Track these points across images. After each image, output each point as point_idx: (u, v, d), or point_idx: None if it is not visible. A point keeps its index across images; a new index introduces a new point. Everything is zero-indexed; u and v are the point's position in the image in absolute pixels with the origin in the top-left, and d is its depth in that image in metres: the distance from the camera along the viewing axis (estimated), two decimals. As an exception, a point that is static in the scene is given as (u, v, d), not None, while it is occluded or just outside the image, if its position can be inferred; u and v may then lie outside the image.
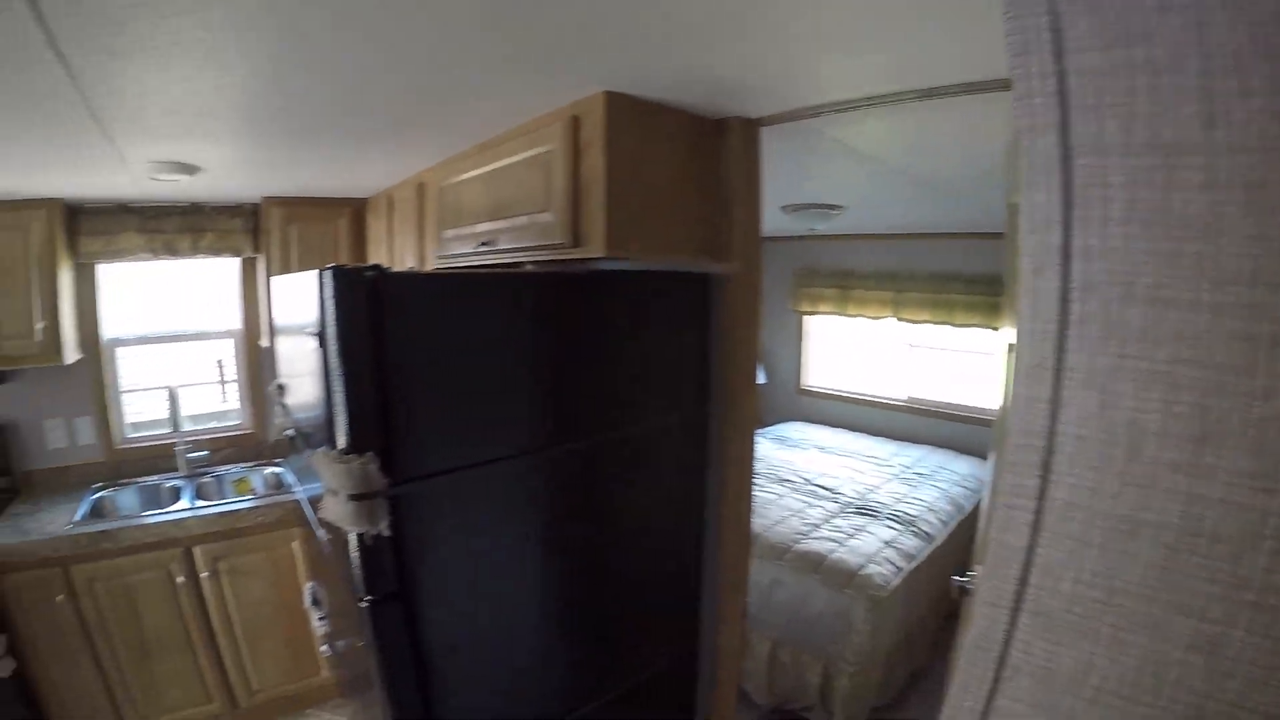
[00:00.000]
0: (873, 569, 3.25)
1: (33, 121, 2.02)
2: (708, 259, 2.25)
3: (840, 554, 3.39)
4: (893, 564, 3.35)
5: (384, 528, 1.66)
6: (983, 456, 4.61)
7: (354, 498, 1.64)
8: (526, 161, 2.07)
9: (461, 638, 1.82)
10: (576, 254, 2.01)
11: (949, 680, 2.46)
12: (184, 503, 3.49)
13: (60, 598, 3.14)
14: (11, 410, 3.68)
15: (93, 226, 3.58)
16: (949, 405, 5.52)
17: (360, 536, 1.67)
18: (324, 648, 2.54)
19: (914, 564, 3.42)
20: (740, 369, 2.33)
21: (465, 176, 2.59)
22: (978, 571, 1.74)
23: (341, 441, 1.64)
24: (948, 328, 5.25)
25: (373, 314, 1.64)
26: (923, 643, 3.63)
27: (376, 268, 1.63)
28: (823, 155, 2.66)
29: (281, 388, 2.57)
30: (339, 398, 1.63)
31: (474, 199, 2.55)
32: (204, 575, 3.29)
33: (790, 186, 3.38)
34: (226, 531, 3.33)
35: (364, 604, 1.72)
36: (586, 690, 2.14)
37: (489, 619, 1.88)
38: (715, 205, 2.24)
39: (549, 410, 1.90)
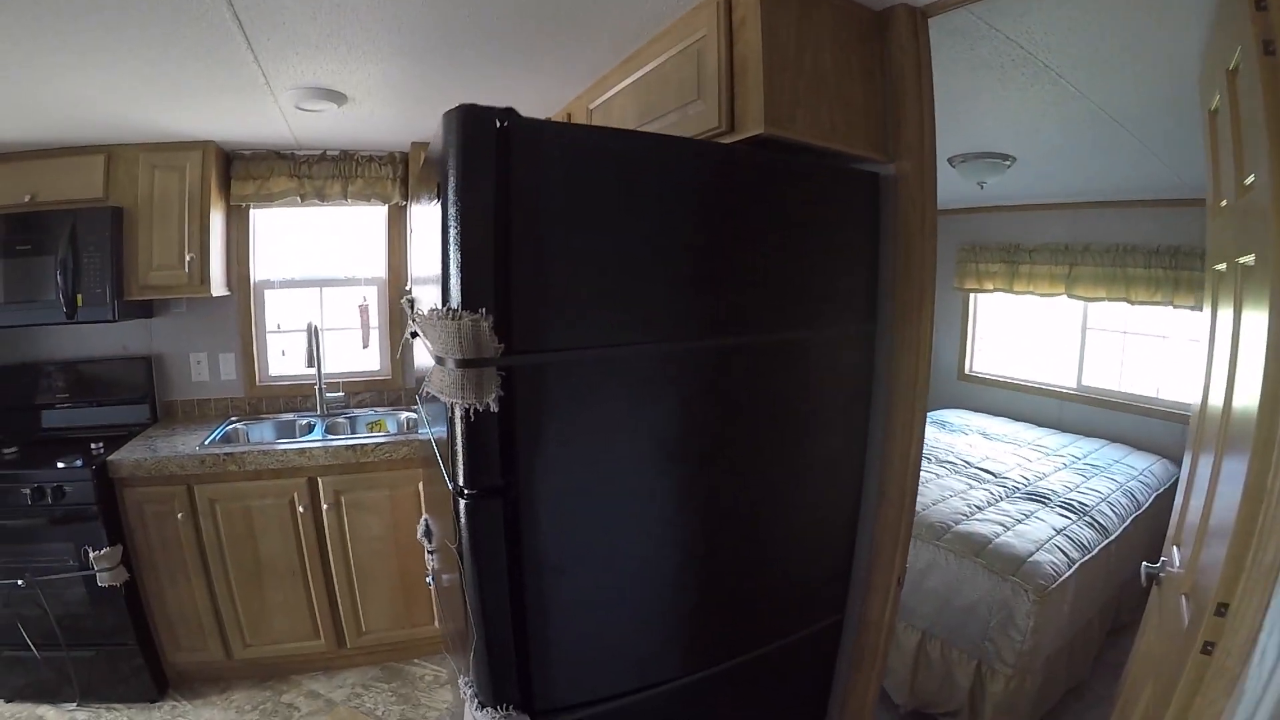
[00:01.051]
0: (1043, 557, 2.77)
1: (177, 32, 1.95)
2: (876, 156, 1.89)
3: (1006, 538, 2.92)
4: (1064, 554, 2.85)
5: (492, 401, 1.31)
6: (1166, 455, 4.16)
7: (462, 364, 1.34)
8: (675, 58, 1.88)
9: (570, 558, 1.51)
10: (732, 139, 1.73)
11: (1118, 704, 1.88)
12: (315, 436, 3.33)
13: (181, 515, 3.04)
14: (159, 343, 3.72)
15: (245, 171, 3.58)
16: (1127, 395, 4.76)
17: (466, 413, 1.34)
18: (428, 579, 2.30)
19: (1087, 556, 2.90)
20: (912, 282, 1.90)
21: (612, 92, 2.35)
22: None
23: (454, 298, 1.32)
24: (1123, 304, 4.62)
25: (500, 160, 1.34)
26: (1084, 654, 3.10)
27: (510, 111, 1.34)
28: (995, 75, 2.29)
29: (411, 301, 2.30)
30: (453, 247, 1.33)
31: (621, 112, 2.29)
32: (325, 507, 3.09)
33: (957, 130, 2.94)
34: (351, 465, 3.13)
35: (462, 498, 1.42)
36: (709, 650, 1.76)
37: (605, 542, 1.55)
38: (882, 100, 1.88)
39: (696, 298, 1.56)
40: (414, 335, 2.08)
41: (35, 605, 3.04)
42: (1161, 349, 4.58)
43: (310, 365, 3.55)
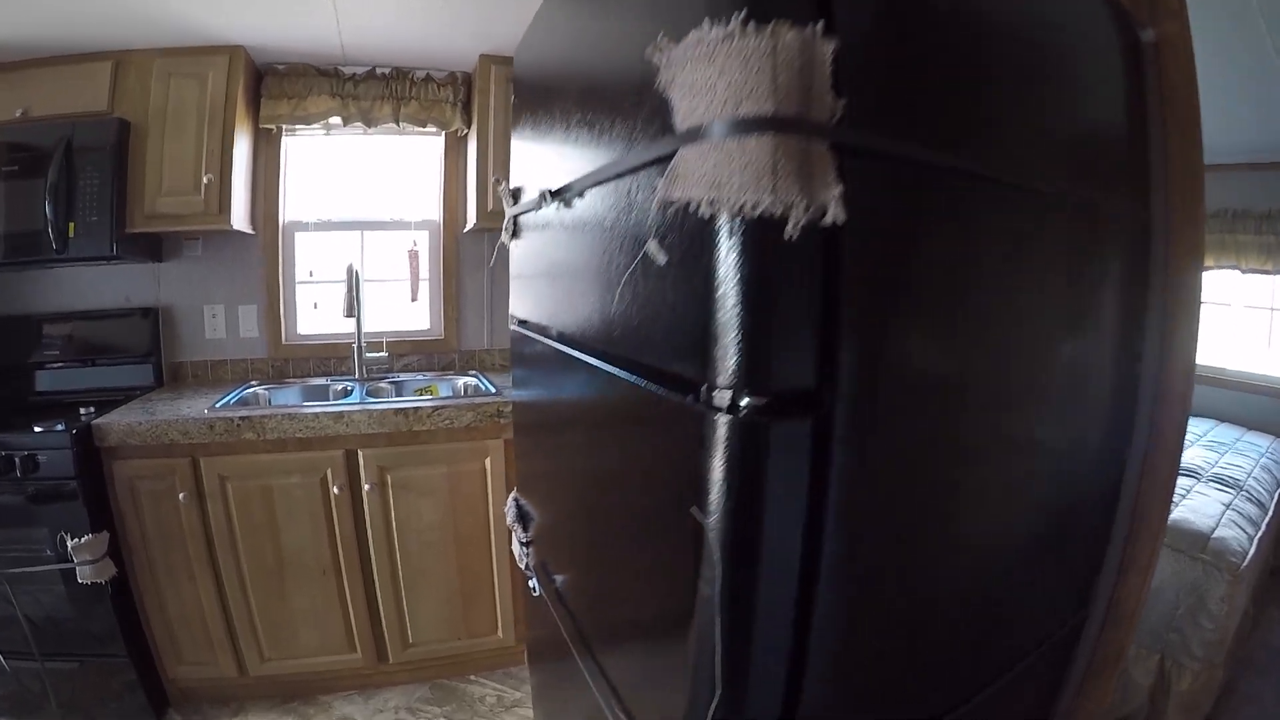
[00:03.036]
0: (1226, 533, 2.34)
1: None
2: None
3: (1182, 513, 2.46)
4: (1242, 529, 2.41)
5: (834, 204, 0.59)
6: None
7: (774, 124, 0.57)
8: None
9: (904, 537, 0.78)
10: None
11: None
12: (353, 400, 2.59)
13: (183, 495, 2.29)
14: (167, 293, 2.96)
15: (279, 89, 2.82)
16: (1232, 372, 4.24)
17: (762, 228, 0.59)
18: (532, 583, 1.56)
19: (1259, 532, 2.47)
20: (1183, 157, 1.22)
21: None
22: None
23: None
24: (1234, 272, 4.16)
25: None
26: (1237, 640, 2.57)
27: None
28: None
29: (516, 192, 1.47)
30: None
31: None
32: (366, 487, 2.34)
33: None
34: (401, 434, 2.38)
35: (729, 414, 0.63)
36: (968, 677, 1.01)
37: (956, 514, 0.85)
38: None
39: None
40: (514, 235, 1.52)
41: (3, 602, 2.30)
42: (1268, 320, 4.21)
43: (350, 315, 2.75)
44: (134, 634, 2.40)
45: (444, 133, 3.08)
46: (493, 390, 2.57)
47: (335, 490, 2.28)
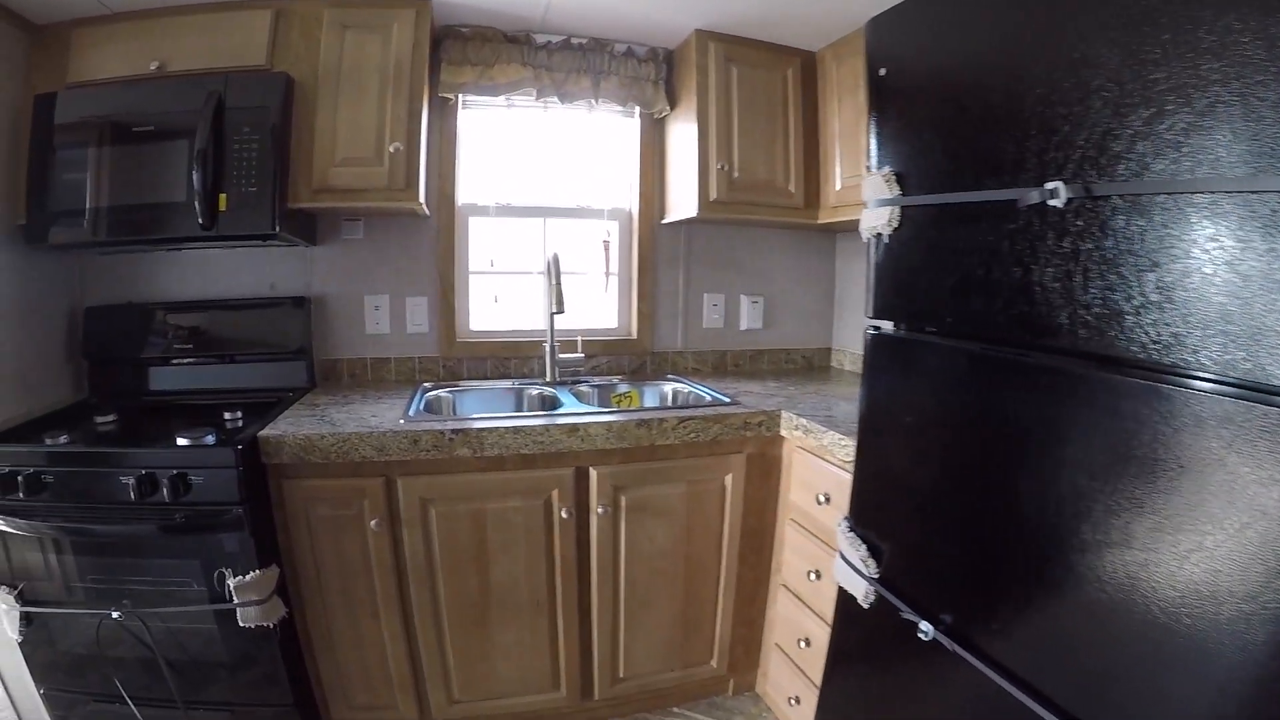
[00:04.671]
0: None
1: None
2: None
3: None
4: None
5: None
6: None
7: None
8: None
9: None
10: None
11: None
12: (572, 407, 2.06)
13: (375, 522, 1.78)
14: (321, 281, 2.42)
15: (462, 54, 2.28)
16: None
17: None
18: (924, 626, 1.23)
19: None
20: None
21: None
22: None
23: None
24: None
25: None
26: None
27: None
28: None
29: (899, 175, 1.09)
30: None
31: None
32: (600, 510, 1.83)
33: None
34: (641, 449, 1.88)
35: None
36: None
37: None
38: None
39: None
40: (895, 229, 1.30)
41: (138, 644, 1.82)
42: None
43: (559, 311, 2.24)
44: (299, 679, 1.90)
45: (640, 114, 2.55)
46: (726, 400, 2.04)
47: (563, 514, 1.77)
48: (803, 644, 1.88)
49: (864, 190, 1.38)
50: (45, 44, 2.11)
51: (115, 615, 1.81)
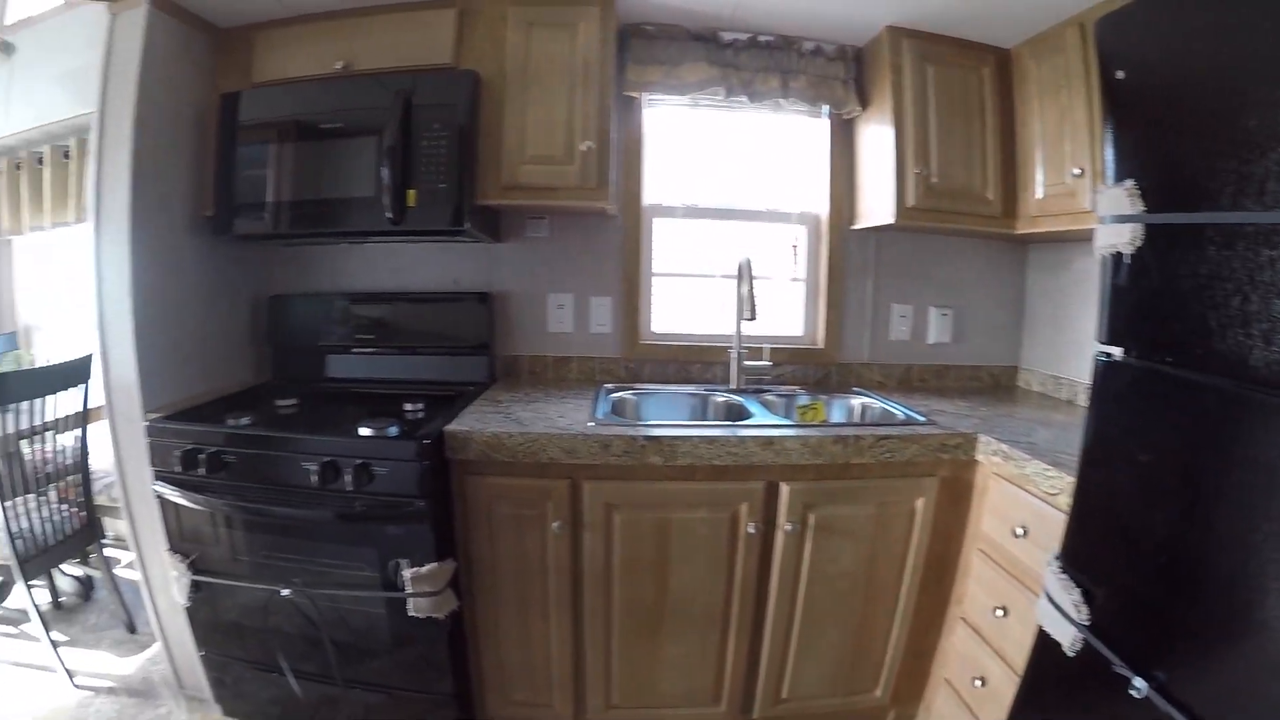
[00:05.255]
0: None
1: None
2: None
3: None
4: None
5: None
6: None
7: None
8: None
9: None
10: None
11: None
12: (763, 418, 1.93)
13: (557, 524, 1.70)
14: (503, 277, 2.41)
15: (647, 53, 2.21)
16: None
17: None
18: (1136, 683, 1.05)
19: None
20: None
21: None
22: None
23: None
24: None
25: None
26: None
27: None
28: None
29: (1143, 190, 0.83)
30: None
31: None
32: (788, 527, 1.71)
33: None
34: (834, 466, 1.75)
35: None
36: None
37: None
38: None
39: None
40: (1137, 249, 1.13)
41: (304, 621, 1.82)
42: None
43: (751, 318, 2.10)
44: (461, 669, 1.84)
45: (829, 114, 2.39)
46: (920, 419, 1.88)
47: (749, 529, 1.65)
48: (977, 682, 1.73)
49: (1099, 204, 1.22)
50: (229, 46, 2.14)
51: (285, 593, 1.79)
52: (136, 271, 1.94)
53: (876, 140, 2.19)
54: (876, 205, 2.21)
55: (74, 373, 2.42)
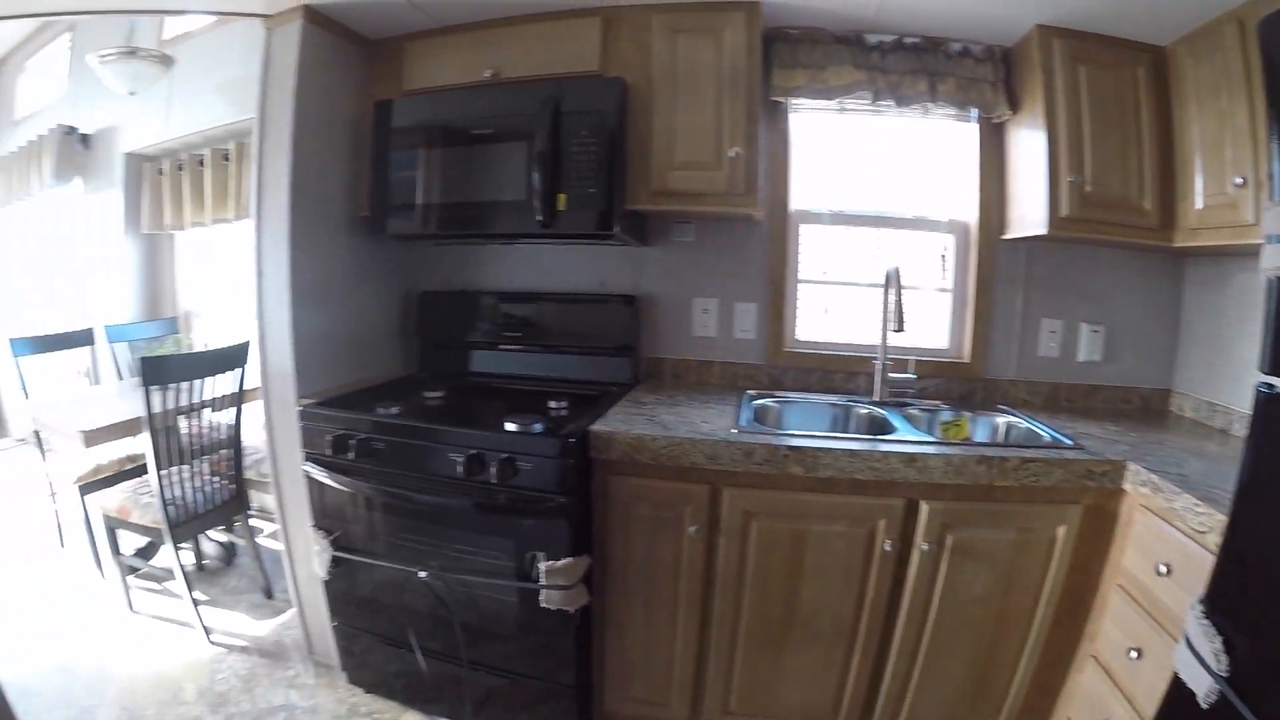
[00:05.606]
0: None
1: None
2: None
3: None
4: None
5: None
6: None
7: None
8: None
9: None
10: None
11: None
12: (906, 433, 1.90)
13: (694, 528, 1.71)
14: (649, 281, 2.45)
15: (792, 57, 2.18)
16: None
17: None
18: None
19: None
20: None
21: None
22: None
23: None
24: None
25: None
26: None
27: None
28: None
29: None
30: None
31: None
32: (924, 547, 1.70)
33: None
34: (976, 488, 1.70)
35: None
36: None
37: None
38: None
39: None
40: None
41: (436, 602, 1.90)
42: None
43: (899, 329, 2.06)
44: (584, 662, 1.89)
45: (978, 118, 2.30)
46: (1067, 442, 1.81)
47: (885, 546, 1.63)
48: (1103, 725, 1.66)
49: (1265, 221, 1.13)
50: (381, 56, 2.26)
51: (422, 575, 1.85)
52: (295, 267, 2.05)
53: (1027, 146, 2.09)
54: (1028, 214, 2.11)
55: (231, 357, 2.57)
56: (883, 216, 2.42)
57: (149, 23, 3.69)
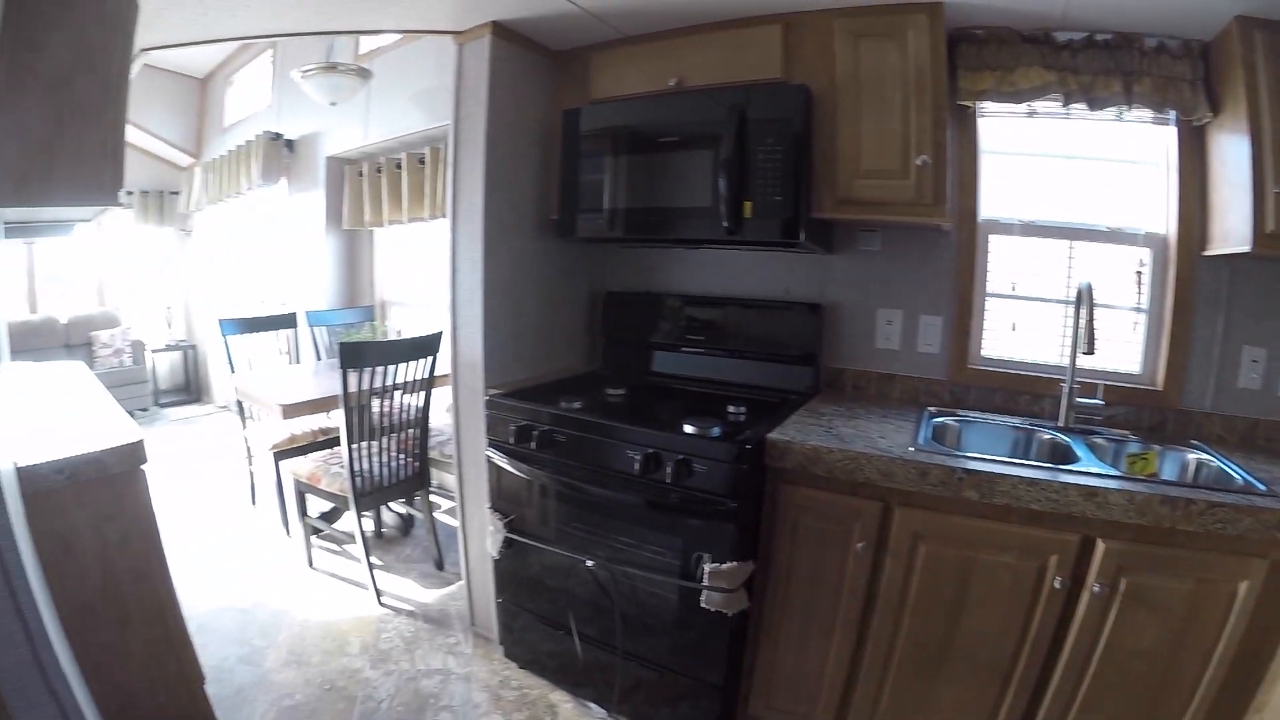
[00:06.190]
0: None
1: None
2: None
3: None
4: None
5: None
6: None
7: None
8: None
9: None
10: None
11: None
12: (1089, 464, 1.82)
13: (861, 545, 1.75)
14: (834, 290, 2.45)
15: (978, 58, 2.11)
16: None
17: None
18: None
19: None
20: None
21: None
22: None
23: None
24: None
25: None
26: None
27: None
28: None
29: None
30: None
31: None
32: (1096, 589, 1.66)
33: None
34: (1158, 530, 1.64)
35: None
36: None
37: None
38: None
39: None
40: None
41: (599, 591, 2.03)
42: None
43: (1089, 351, 1.96)
44: (734, 665, 1.95)
45: (1176, 121, 2.10)
46: (1261, 487, 1.72)
47: (1055, 584, 1.60)
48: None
49: None
50: (567, 67, 2.41)
51: (589, 563, 1.96)
52: (488, 265, 2.24)
53: (1230, 152, 1.87)
54: (1231, 229, 1.88)
55: (424, 346, 2.82)
56: (1075, 228, 2.24)
57: (346, 38, 4.10)
